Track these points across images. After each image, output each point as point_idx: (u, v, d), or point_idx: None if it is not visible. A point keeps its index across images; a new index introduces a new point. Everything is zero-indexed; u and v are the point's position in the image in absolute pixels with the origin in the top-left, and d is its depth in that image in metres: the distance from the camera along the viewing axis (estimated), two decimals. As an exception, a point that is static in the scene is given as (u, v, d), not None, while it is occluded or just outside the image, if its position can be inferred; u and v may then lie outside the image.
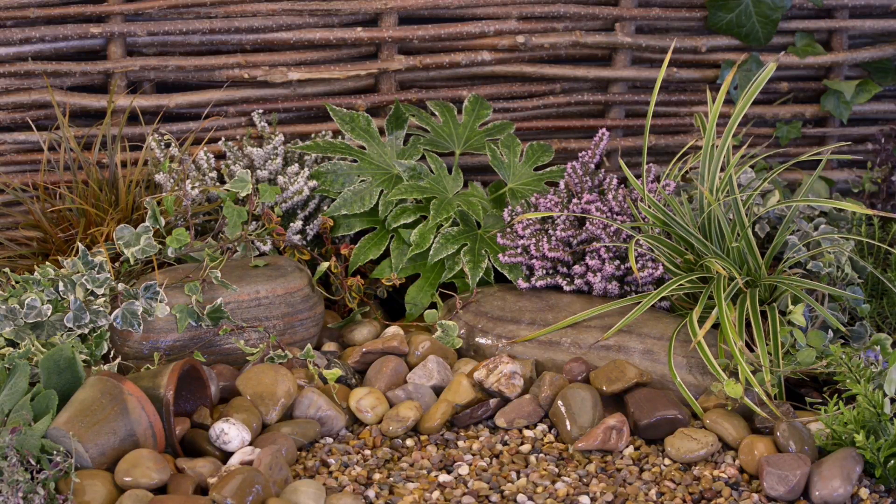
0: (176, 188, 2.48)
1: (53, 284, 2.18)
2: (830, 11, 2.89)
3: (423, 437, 2.10)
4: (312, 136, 2.69)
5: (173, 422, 1.95)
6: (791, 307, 2.23)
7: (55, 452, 1.84)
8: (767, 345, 2.17)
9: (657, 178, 2.55)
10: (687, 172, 2.60)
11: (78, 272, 2.20)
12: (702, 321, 2.23)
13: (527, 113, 2.84)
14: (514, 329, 2.32)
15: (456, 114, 2.73)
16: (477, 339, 2.33)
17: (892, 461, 1.96)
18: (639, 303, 2.29)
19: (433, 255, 2.48)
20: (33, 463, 1.80)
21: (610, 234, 2.39)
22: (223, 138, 2.66)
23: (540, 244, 2.42)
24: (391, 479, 1.98)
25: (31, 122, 2.60)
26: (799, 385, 2.25)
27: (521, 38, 2.76)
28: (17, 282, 2.19)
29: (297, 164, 2.57)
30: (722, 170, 2.36)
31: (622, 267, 2.39)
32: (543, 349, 2.28)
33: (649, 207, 2.37)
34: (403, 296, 2.51)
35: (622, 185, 2.50)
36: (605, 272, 2.38)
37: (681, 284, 2.28)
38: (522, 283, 2.44)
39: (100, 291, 2.16)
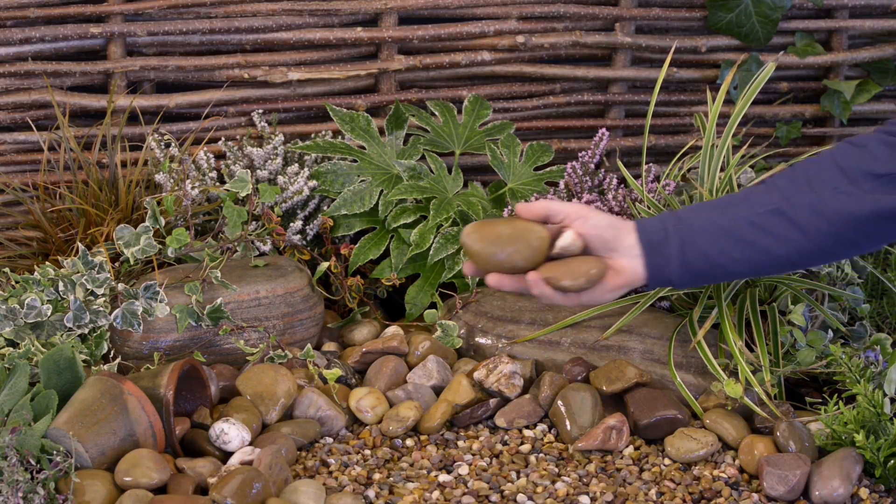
0: (176, 188, 2.48)
1: (53, 284, 2.17)
2: (830, 11, 2.89)
3: (423, 437, 2.10)
4: (312, 136, 2.69)
5: (173, 422, 1.95)
6: (791, 307, 2.23)
7: (55, 452, 1.84)
8: (767, 345, 2.17)
9: (657, 178, 2.55)
10: (687, 172, 2.60)
11: (78, 272, 2.19)
12: (702, 321, 2.23)
13: (527, 113, 2.84)
14: (514, 329, 2.32)
15: (456, 114, 2.73)
16: (477, 339, 2.33)
17: (892, 461, 1.96)
18: (637, 302, 2.29)
19: (433, 255, 2.48)
20: (33, 463, 1.79)
21: (610, 234, 2.38)
22: (223, 138, 2.66)
23: (540, 244, 2.41)
24: (391, 479, 1.98)
25: (31, 122, 2.60)
26: (799, 385, 2.25)
27: (521, 38, 2.76)
28: (17, 282, 2.19)
29: (297, 164, 2.57)
30: (722, 170, 2.36)
31: (622, 267, 2.39)
32: (543, 349, 2.28)
33: (649, 208, 2.37)
34: (403, 296, 2.51)
35: (622, 185, 2.50)
36: (605, 272, 2.38)
37: (681, 284, 2.28)
38: (522, 283, 2.44)
39: (100, 291, 2.16)
